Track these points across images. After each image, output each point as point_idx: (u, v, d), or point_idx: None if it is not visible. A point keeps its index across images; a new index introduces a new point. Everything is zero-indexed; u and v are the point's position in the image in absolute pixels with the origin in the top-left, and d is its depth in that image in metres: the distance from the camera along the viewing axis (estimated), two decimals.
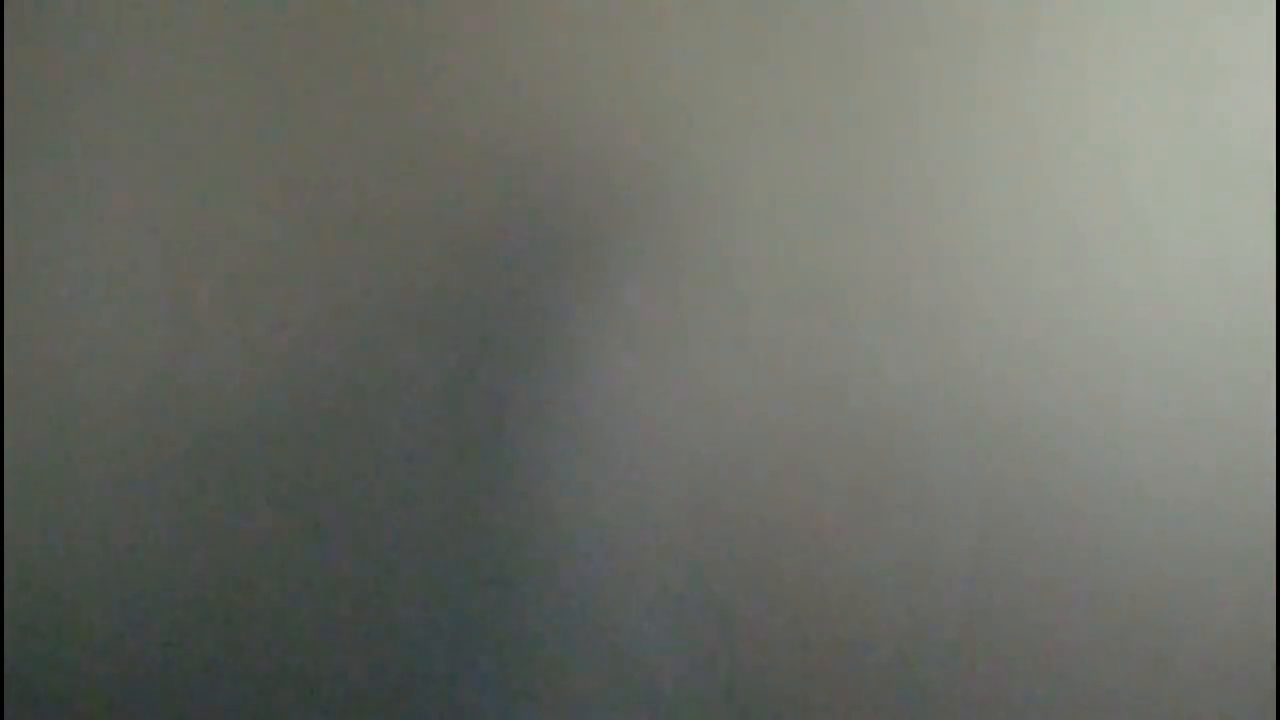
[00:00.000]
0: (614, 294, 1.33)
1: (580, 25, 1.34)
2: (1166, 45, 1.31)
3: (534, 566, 1.33)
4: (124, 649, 1.35)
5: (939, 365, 1.32)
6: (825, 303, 1.33)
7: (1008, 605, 1.31)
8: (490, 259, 1.34)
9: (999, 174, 1.32)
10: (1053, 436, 1.31)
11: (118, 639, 1.35)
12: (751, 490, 1.32)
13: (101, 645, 1.35)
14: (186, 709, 1.34)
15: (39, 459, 1.35)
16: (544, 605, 1.33)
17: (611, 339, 1.33)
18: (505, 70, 1.34)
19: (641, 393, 1.33)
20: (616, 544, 1.33)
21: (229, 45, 1.35)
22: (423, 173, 1.34)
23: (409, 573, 1.34)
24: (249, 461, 1.34)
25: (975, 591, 1.32)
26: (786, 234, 1.33)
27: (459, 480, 1.33)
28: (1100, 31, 1.32)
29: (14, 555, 1.35)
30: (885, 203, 1.33)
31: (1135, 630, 1.31)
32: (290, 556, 1.34)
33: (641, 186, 1.34)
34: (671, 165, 1.33)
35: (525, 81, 1.34)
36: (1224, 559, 1.31)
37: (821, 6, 1.33)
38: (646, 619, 1.32)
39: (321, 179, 1.35)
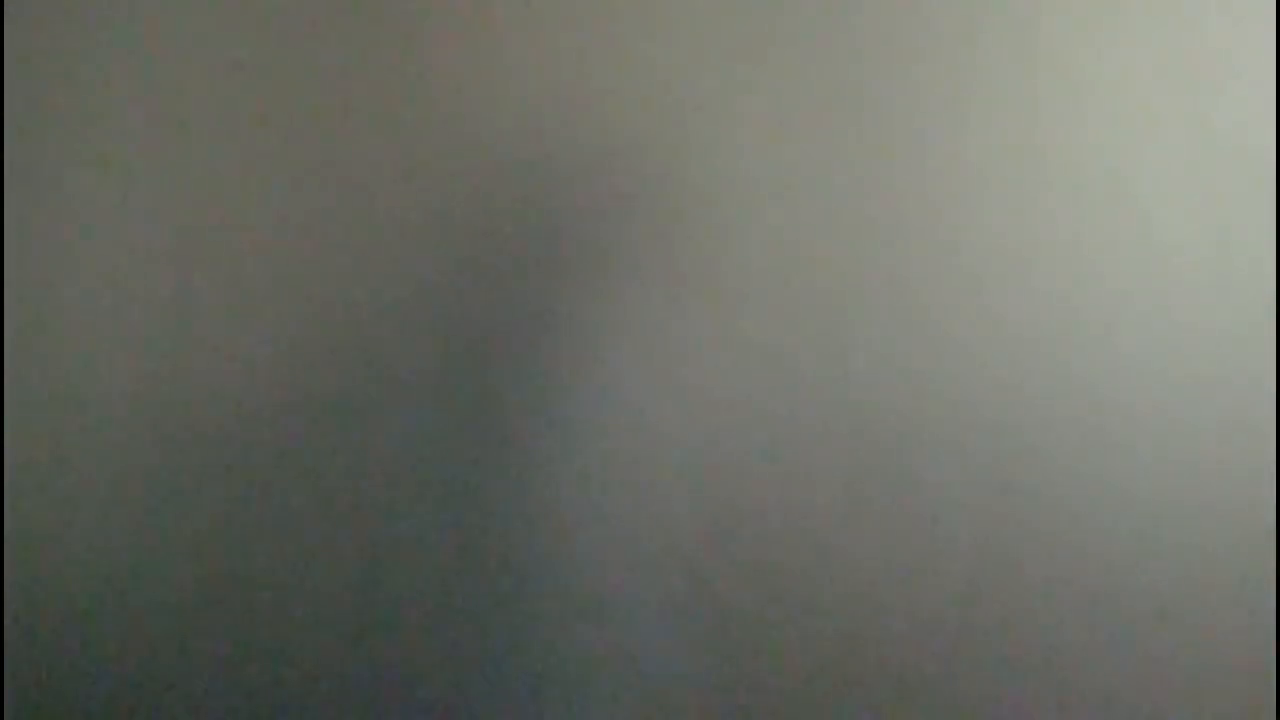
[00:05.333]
0: (614, 294, 1.33)
1: (580, 25, 1.34)
2: (1166, 45, 1.31)
3: (534, 566, 1.33)
4: (124, 649, 1.35)
5: (939, 365, 1.32)
6: (826, 302, 1.33)
7: (1008, 605, 1.31)
8: (491, 259, 1.34)
9: (999, 173, 1.32)
10: (1053, 436, 1.31)
11: (118, 639, 1.35)
12: (752, 490, 1.32)
13: (102, 645, 1.35)
14: (187, 709, 1.34)
15: (39, 459, 1.35)
16: (544, 605, 1.33)
17: (612, 339, 1.33)
18: (505, 70, 1.34)
19: (642, 393, 1.33)
20: (617, 543, 1.33)
21: (229, 45, 1.35)
22: (422, 173, 1.34)
23: (409, 572, 1.34)
24: (249, 462, 1.34)
25: (975, 591, 1.32)
26: (787, 234, 1.33)
27: (460, 479, 1.33)
28: (1100, 31, 1.32)
29: (14, 555, 1.35)
30: (885, 202, 1.33)
31: (1135, 630, 1.31)
32: (291, 556, 1.34)
33: (642, 187, 1.34)
34: (672, 165, 1.33)
35: (525, 81, 1.34)
36: (1224, 559, 1.31)
37: (821, 6, 1.33)
38: (646, 619, 1.32)
39: (320, 179, 1.35)
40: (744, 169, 1.33)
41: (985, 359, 1.32)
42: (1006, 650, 1.31)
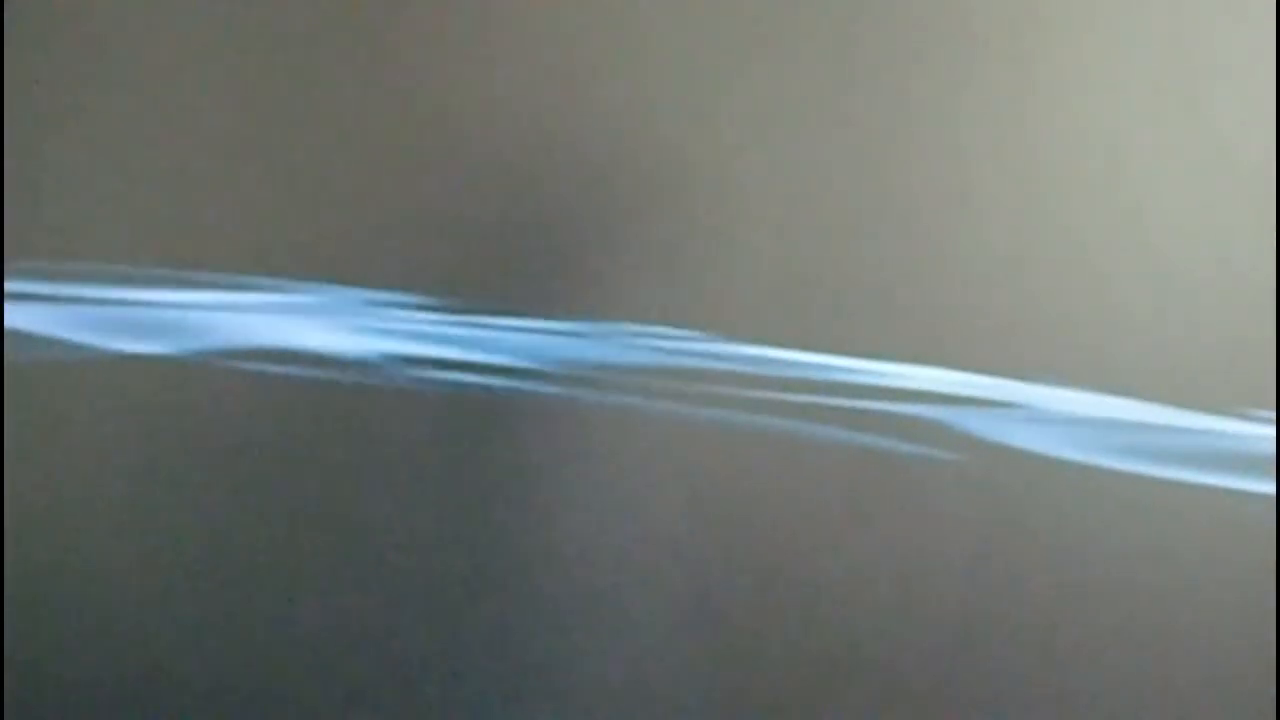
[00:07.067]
0: (612, 293, 1.33)
1: (581, 25, 1.34)
2: (1166, 45, 1.31)
3: (534, 567, 1.33)
4: (125, 651, 1.35)
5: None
6: (825, 302, 1.33)
7: (1008, 606, 1.31)
8: (490, 258, 1.34)
9: (998, 173, 1.32)
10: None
11: (119, 641, 1.35)
12: (751, 490, 1.32)
13: (102, 647, 1.35)
14: (186, 711, 1.34)
15: (39, 459, 1.35)
16: (544, 605, 1.33)
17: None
18: (506, 70, 1.34)
19: (640, 391, 1.33)
20: (616, 544, 1.33)
21: (230, 44, 1.35)
22: (422, 173, 1.34)
23: (407, 572, 1.33)
24: (248, 461, 1.34)
25: (974, 592, 1.31)
26: (787, 234, 1.33)
27: (458, 478, 1.33)
28: (1100, 31, 1.32)
29: (14, 555, 1.35)
30: (885, 202, 1.33)
31: (1135, 630, 1.31)
32: (288, 554, 1.34)
33: (641, 187, 1.33)
34: (672, 165, 1.33)
35: (526, 81, 1.34)
36: (1224, 559, 1.30)
37: (821, 6, 1.33)
38: (646, 619, 1.32)
39: (321, 178, 1.35)
40: (744, 169, 1.33)
41: (983, 356, 1.32)
42: (1007, 651, 1.31)
